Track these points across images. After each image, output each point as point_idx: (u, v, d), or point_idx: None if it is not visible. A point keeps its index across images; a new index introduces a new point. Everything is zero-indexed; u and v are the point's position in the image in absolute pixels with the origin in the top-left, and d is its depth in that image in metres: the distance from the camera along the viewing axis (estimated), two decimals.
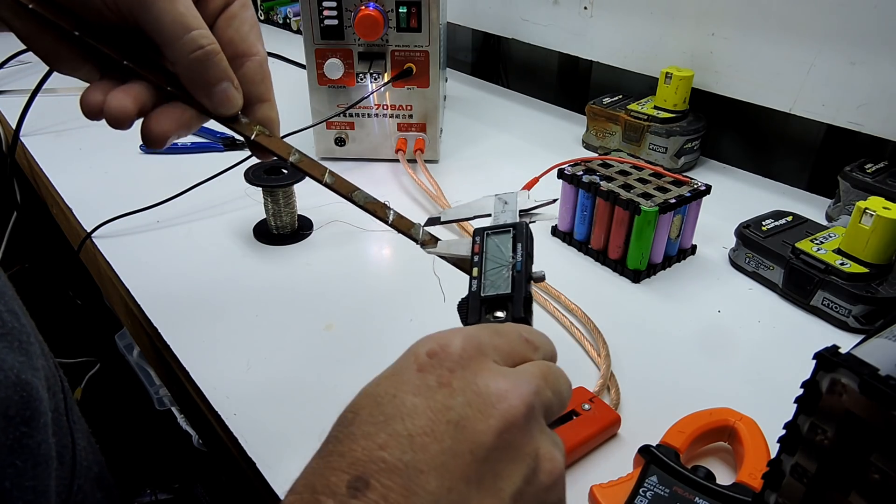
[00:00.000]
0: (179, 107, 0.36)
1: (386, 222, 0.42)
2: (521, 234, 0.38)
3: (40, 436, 0.31)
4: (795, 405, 0.28)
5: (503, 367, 0.29)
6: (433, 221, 0.45)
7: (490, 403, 0.27)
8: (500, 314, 0.34)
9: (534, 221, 0.42)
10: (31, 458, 0.30)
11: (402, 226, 0.42)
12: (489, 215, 0.42)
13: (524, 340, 0.31)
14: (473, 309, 0.35)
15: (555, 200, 0.44)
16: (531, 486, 0.27)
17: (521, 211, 0.41)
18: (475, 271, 0.37)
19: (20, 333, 0.32)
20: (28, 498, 0.29)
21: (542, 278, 0.37)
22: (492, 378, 0.28)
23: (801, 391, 0.28)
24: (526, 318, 0.34)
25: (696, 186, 0.64)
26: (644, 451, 0.42)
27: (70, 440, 0.36)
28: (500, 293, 0.35)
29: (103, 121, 0.34)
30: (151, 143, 0.36)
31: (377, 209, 0.42)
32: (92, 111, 0.34)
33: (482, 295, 0.35)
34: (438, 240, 0.42)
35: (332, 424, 0.27)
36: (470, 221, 0.45)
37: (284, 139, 0.40)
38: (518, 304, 0.34)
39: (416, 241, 0.42)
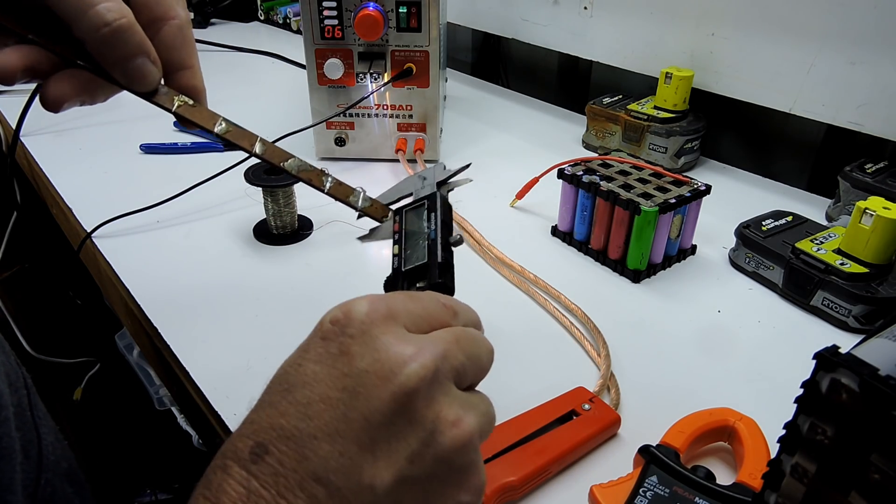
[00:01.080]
0: (86, 74, 0.35)
1: (322, 191, 0.41)
2: (433, 204, 0.38)
3: (2, 429, 0.31)
4: (795, 405, 0.28)
5: (411, 332, 0.29)
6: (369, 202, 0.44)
7: (388, 368, 0.27)
8: (421, 284, 0.35)
9: (451, 189, 0.42)
10: None
11: (341, 194, 0.41)
12: (411, 194, 0.42)
13: (441, 305, 0.31)
14: (397, 284, 0.36)
15: (468, 165, 0.44)
16: (430, 448, 0.27)
17: (437, 182, 0.42)
18: (396, 248, 0.37)
19: None
20: None
21: (459, 241, 0.37)
22: (394, 342, 0.28)
23: (801, 391, 0.28)
24: (444, 283, 0.35)
25: (696, 186, 0.64)
26: (644, 451, 0.42)
27: (35, 435, 0.36)
28: (419, 263, 0.36)
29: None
30: (48, 107, 0.34)
31: (312, 178, 0.40)
32: None
33: (403, 269, 0.36)
34: (388, 208, 0.42)
35: None
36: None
37: (282, 139, 0.39)
38: (433, 270, 0.35)
39: (355, 209, 0.41)
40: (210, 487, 0.25)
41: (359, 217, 0.42)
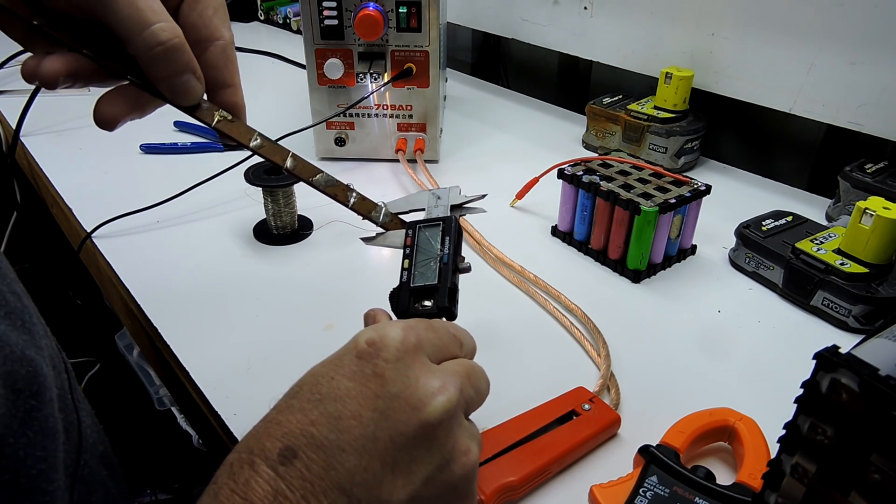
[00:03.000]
0: (134, 90, 0.37)
1: (346, 206, 0.42)
2: (449, 227, 0.40)
3: (47, 409, 0.32)
4: (795, 405, 0.28)
5: (433, 364, 0.32)
6: (378, 213, 0.45)
7: (418, 398, 0.30)
8: (427, 303, 0.37)
9: (464, 215, 0.44)
10: (41, 430, 0.31)
11: (364, 209, 0.43)
12: (423, 210, 0.44)
13: (452, 337, 0.34)
14: (403, 298, 0.38)
15: (484, 195, 0.45)
16: (442, 474, 0.30)
17: (452, 206, 0.44)
18: (406, 262, 0.39)
19: (23, 313, 0.33)
20: (40, 467, 0.31)
21: (467, 269, 0.40)
22: (423, 374, 0.31)
23: (801, 391, 0.28)
24: (450, 308, 0.37)
25: (696, 186, 0.64)
26: (644, 451, 0.42)
27: (75, 417, 0.37)
28: (428, 283, 0.38)
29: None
30: (102, 125, 0.36)
31: (338, 193, 0.42)
32: (26, 73, 0.35)
33: (412, 285, 0.38)
34: (405, 223, 0.43)
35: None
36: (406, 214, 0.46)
37: (282, 139, 0.40)
38: (443, 295, 0.37)
39: (376, 223, 0.43)
40: (236, 480, 0.27)
41: (364, 218, 0.43)
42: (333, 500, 0.27)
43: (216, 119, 0.39)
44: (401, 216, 0.44)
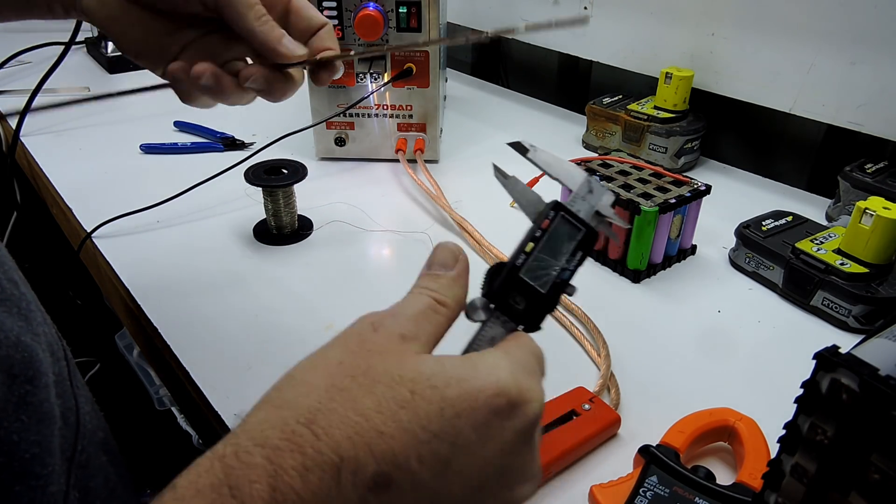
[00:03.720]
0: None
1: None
2: (587, 244, 0.36)
3: (42, 395, 0.32)
4: (795, 405, 0.28)
5: (538, 438, 0.30)
6: (519, 148, 0.42)
7: (515, 480, 0.28)
8: (519, 305, 0.34)
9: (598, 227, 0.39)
10: (35, 414, 0.31)
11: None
12: (570, 191, 0.38)
13: (539, 375, 0.31)
14: (503, 282, 0.34)
15: (630, 227, 0.42)
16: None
17: (596, 212, 0.38)
18: (529, 246, 0.35)
19: (19, 301, 0.33)
20: (35, 451, 0.31)
21: (571, 293, 0.36)
22: (531, 455, 0.29)
23: (801, 391, 0.28)
24: (538, 326, 0.35)
25: (696, 186, 0.64)
26: (644, 451, 0.42)
27: (74, 403, 0.37)
28: (535, 287, 0.34)
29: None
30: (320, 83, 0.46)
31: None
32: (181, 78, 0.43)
33: (520, 275, 0.34)
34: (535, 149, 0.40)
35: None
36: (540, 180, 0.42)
37: (283, 139, 0.41)
38: (541, 315, 0.34)
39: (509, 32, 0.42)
40: (305, 482, 0.23)
41: (503, 177, 0.41)
42: None
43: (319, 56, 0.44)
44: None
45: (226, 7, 0.41)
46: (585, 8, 0.96)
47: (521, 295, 0.34)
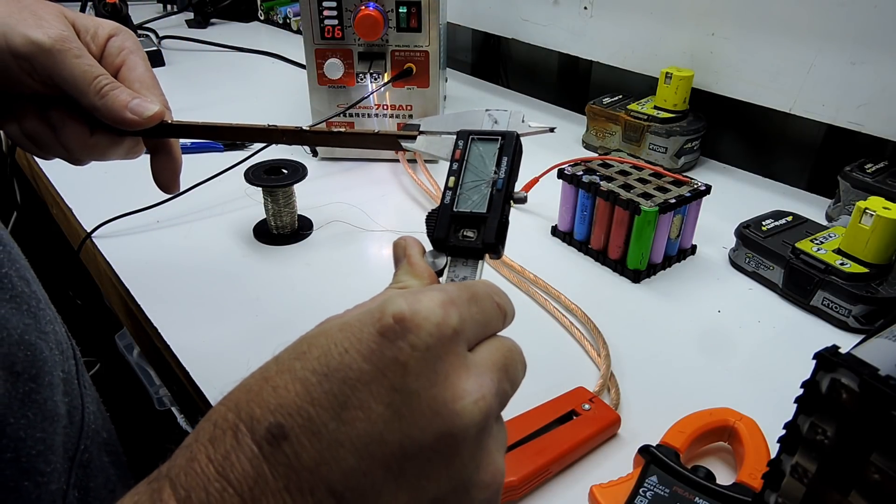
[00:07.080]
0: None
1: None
2: (509, 146, 0.34)
3: (46, 393, 0.32)
4: (795, 405, 0.28)
5: (470, 355, 0.27)
6: (411, 128, 0.41)
7: (443, 400, 0.24)
8: (469, 234, 0.32)
9: (524, 134, 0.37)
10: (40, 412, 0.32)
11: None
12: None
13: (496, 308, 0.29)
14: (442, 224, 0.32)
15: (553, 129, 0.40)
16: (458, 497, 0.25)
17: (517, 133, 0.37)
18: (451, 180, 0.33)
19: (29, 298, 0.34)
20: (39, 448, 0.31)
21: (523, 199, 0.34)
22: (455, 370, 0.25)
23: (801, 391, 0.28)
24: (496, 246, 0.32)
25: (696, 186, 0.64)
26: (644, 451, 0.42)
27: (80, 403, 0.38)
28: (475, 211, 0.32)
29: None
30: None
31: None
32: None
33: (454, 210, 0.32)
34: (420, 132, 0.38)
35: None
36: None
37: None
38: (491, 228, 0.32)
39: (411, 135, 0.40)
40: (216, 447, 0.23)
41: (402, 140, 0.40)
42: (319, 501, 0.23)
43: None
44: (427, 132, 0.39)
45: (64, 87, 0.43)
46: (585, 8, 0.96)
47: (468, 227, 0.32)
